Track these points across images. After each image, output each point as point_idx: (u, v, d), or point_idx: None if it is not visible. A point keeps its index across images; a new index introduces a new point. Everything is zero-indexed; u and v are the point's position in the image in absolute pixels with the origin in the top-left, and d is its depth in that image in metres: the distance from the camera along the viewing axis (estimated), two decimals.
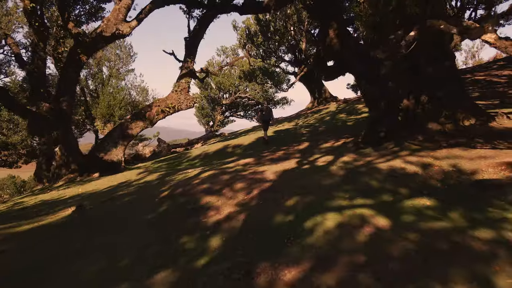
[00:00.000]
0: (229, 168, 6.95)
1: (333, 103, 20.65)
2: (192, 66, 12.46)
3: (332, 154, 6.85)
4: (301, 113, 21.29)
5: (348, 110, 16.11)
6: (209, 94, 29.02)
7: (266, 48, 21.29)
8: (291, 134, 12.15)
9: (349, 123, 12.15)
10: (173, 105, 12.05)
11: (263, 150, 9.49)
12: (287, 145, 9.78)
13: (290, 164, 6.60)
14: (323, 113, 18.01)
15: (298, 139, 10.78)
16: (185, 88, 12.28)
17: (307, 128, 13.35)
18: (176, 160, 11.79)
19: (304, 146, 8.55)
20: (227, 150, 11.71)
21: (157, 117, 11.95)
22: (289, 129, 14.11)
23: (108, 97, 18.21)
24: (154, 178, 8.01)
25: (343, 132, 10.39)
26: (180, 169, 9.58)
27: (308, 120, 16.33)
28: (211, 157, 10.99)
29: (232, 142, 13.08)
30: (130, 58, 20.03)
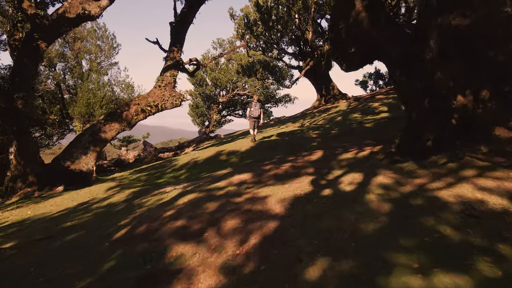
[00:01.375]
0: (219, 189, 5.28)
1: (343, 101, 18.99)
2: (179, 57, 10.77)
3: (359, 171, 5.17)
4: (306, 112, 19.62)
5: (362, 109, 14.44)
6: (204, 91, 27.36)
7: (267, 39, 19.60)
8: (298, 138, 10.47)
9: (367, 125, 10.47)
10: (156, 103, 10.37)
11: (264, 160, 7.81)
12: (294, 153, 8.10)
13: (302, 185, 4.92)
14: (332, 112, 16.35)
15: (307, 144, 9.10)
16: (171, 83, 10.59)
17: (316, 131, 11.67)
18: (159, 169, 10.11)
19: (317, 156, 6.87)
20: (220, 158, 10.03)
21: (137, 117, 10.27)
22: (295, 132, 12.42)
23: (87, 94, 16.53)
24: (121, 199, 6.33)
25: (362, 137, 8.72)
26: (160, 184, 7.90)
27: (316, 121, 14.65)
28: (200, 167, 9.31)
29: (227, 147, 11.40)
30: (113, 50, 18.36)
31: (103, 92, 17.18)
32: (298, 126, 14.96)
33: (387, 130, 8.96)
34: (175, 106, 10.65)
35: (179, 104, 10.66)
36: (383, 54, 5.92)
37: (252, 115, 10.44)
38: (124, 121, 10.11)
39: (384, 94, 18.50)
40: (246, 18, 19.14)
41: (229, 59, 27.47)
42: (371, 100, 17.61)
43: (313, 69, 19.56)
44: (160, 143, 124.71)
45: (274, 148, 9.75)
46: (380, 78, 30.81)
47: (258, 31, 18.79)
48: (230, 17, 20.17)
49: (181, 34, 10.87)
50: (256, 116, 10.43)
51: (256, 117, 10.45)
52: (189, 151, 14.72)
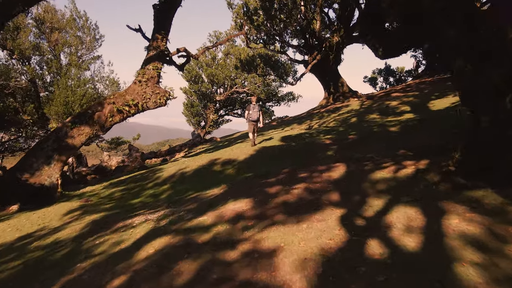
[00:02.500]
0: (203, 229, 3.70)
1: (354, 100, 17.39)
2: (164, 46, 9.17)
3: (412, 202, 3.59)
4: (313, 112, 18.02)
5: (380, 109, 12.83)
6: (200, 88, 25.75)
7: (269, 30, 17.99)
8: (308, 144, 8.88)
9: (392, 128, 8.87)
10: (135, 101, 8.77)
11: (267, 175, 6.23)
12: (305, 165, 6.51)
13: (329, 226, 3.34)
14: (343, 112, 14.75)
15: (321, 153, 7.50)
16: (153, 77, 8.99)
17: (328, 135, 10.08)
18: (139, 183, 8.51)
19: (340, 173, 5.28)
20: (213, 168, 8.43)
21: (112, 119, 8.67)
22: (303, 135, 10.83)
23: (65, 92, 14.93)
24: (73, 234, 4.74)
25: (391, 144, 7.13)
26: (133, 206, 6.30)
27: (326, 122, 13.05)
28: (188, 182, 7.71)
29: (222, 154, 9.81)
30: (95, 42, 16.74)
31: (84, 89, 15.62)
32: (305, 128, 13.37)
33: (420, 136, 7.37)
34: (159, 105, 9.06)
35: (164, 103, 9.07)
36: (436, 36, 4.31)
37: (251, 118, 9.82)
38: (96, 124, 8.52)
39: (400, 91, 16.91)
40: (246, 6, 17.53)
41: (227, 54, 25.85)
42: (386, 98, 16.02)
43: (320, 64, 17.96)
44: (156, 144, 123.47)
45: (279, 157, 8.16)
46: (390, 75, 29.22)
47: (259, 21, 17.18)
48: (228, 6, 18.55)
49: (167, 19, 9.26)
50: (255, 119, 9.85)
51: (255, 119, 9.86)
52: (179, 157, 13.13)
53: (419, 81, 19.24)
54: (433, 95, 12.96)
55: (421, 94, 14.03)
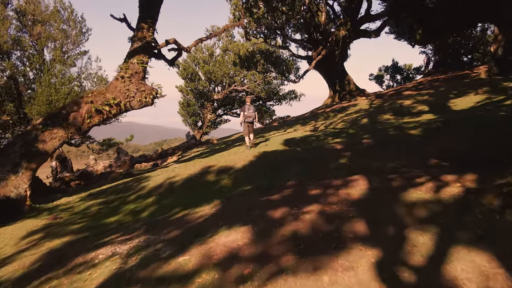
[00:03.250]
0: (182, 283, 2.68)
1: (362, 98, 16.40)
2: (151, 37, 8.15)
3: (478, 243, 2.59)
4: (317, 112, 17.02)
5: (392, 109, 11.83)
6: (197, 86, 24.73)
7: (270, 23, 16.99)
8: (316, 150, 7.86)
9: (412, 132, 7.86)
10: (117, 100, 7.76)
11: (269, 190, 5.23)
12: (315, 176, 5.51)
13: (359, 280, 2.36)
14: (351, 112, 13.75)
15: (333, 162, 6.48)
16: (138, 72, 7.98)
17: (338, 138, 9.08)
18: (121, 195, 7.50)
19: (361, 191, 4.28)
20: (206, 178, 7.42)
21: (90, 121, 7.66)
22: (308, 138, 9.83)
23: (48, 90, 13.91)
24: (15, 275, 3.73)
25: (415, 151, 6.13)
26: (107, 227, 5.30)
27: (334, 123, 12.04)
28: (175, 196, 6.70)
29: (218, 160, 8.81)
30: (81, 36, 15.72)
31: (69, 88, 14.62)
32: (310, 130, 12.37)
33: (448, 140, 6.38)
34: (144, 105, 8.05)
35: (151, 103, 8.05)
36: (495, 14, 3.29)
37: (246, 120, 9.48)
38: (72, 126, 7.51)
39: (412, 89, 15.91)
40: None
41: (225, 50, 24.82)
42: (397, 97, 15.02)
43: (325, 60, 16.96)
44: (153, 144, 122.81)
45: (282, 165, 7.15)
46: (398, 72, 28.20)
47: (259, 14, 16.18)
48: None
49: (154, 6, 8.25)
50: (251, 120, 9.56)
51: (251, 121, 9.56)
52: (171, 162, 12.12)
53: (431, 78, 18.24)
54: (451, 94, 11.96)
55: (437, 93, 13.03)
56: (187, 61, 24.88)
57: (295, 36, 17.93)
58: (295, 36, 17.93)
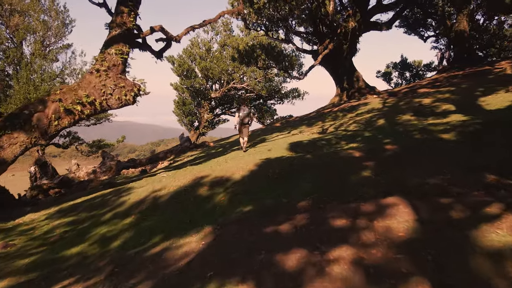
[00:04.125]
0: None
1: (373, 97, 15.24)
2: (132, 23, 6.99)
3: None
4: (324, 111, 15.86)
5: (411, 108, 10.68)
6: (193, 84, 23.58)
7: (272, 14, 15.82)
8: (329, 157, 6.70)
9: (445, 135, 6.70)
10: (91, 98, 6.60)
11: (276, 211, 4.09)
12: (334, 194, 4.37)
13: None
14: (362, 112, 12.61)
15: (353, 174, 5.32)
16: (117, 65, 6.82)
17: (353, 142, 7.93)
18: (94, 212, 6.35)
19: (406, 225, 3.14)
20: (198, 192, 6.26)
21: (58, 123, 6.50)
22: (318, 142, 8.69)
23: (25, 87, 12.76)
24: None
25: (457, 160, 4.98)
26: (65, 263, 4.15)
27: (345, 124, 10.88)
28: (159, 214, 5.55)
29: (213, 168, 7.65)
30: (64, 28, 14.55)
31: (50, 85, 13.44)
32: (318, 131, 11.21)
33: (497, 148, 5.22)
34: (125, 103, 6.88)
35: (132, 101, 6.89)
36: None
37: (242, 121, 9.25)
38: (36, 129, 6.34)
39: (428, 87, 14.76)
40: None
41: (223, 45, 23.68)
42: (413, 95, 13.87)
43: (332, 54, 15.80)
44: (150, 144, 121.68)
45: (290, 176, 6.00)
46: (407, 69, 27.04)
47: (260, 3, 15.01)
48: None
49: None
50: (246, 122, 9.34)
51: (246, 122, 9.35)
52: (160, 169, 10.96)
53: (447, 75, 17.09)
54: (477, 91, 10.81)
55: (459, 90, 11.88)
56: (183, 56, 23.75)
57: (299, 28, 16.75)
58: (299, 28, 16.75)
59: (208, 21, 7.96)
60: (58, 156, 66.27)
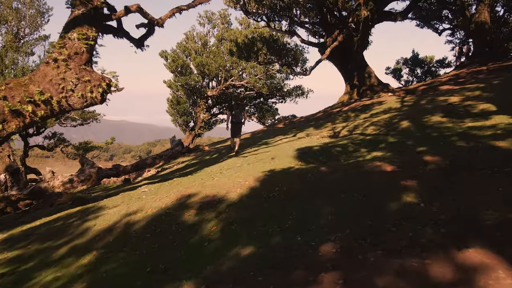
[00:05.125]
0: None
1: (388, 95, 13.90)
2: (100, 1, 5.63)
3: None
4: (332, 111, 14.52)
5: (440, 108, 9.33)
6: (188, 81, 22.21)
7: (274, 3, 14.47)
8: (350, 171, 5.34)
9: (503, 143, 5.35)
10: (47, 95, 5.25)
11: (286, 265, 2.74)
12: (373, 235, 3.03)
13: None
14: (378, 112, 11.28)
15: (391, 200, 3.96)
16: (80, 53, 5.47)
17: (376, 150, 6.60)
18: (48, 243, 5.01)
19: None
20: (181, 219, 4.91)
21: (3, 127, 5.12)
22: (331, 149, 7.35)
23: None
24: None
25: None
26: None
27: (360, 127, 9.54)
28: (127, 252, 4.20)
29: (204, 183, 6.31)
30: (40, 18, 13.21)
31: None
32: (329, 134, 9.88)
33: None
34: (91, 102, 5.54)
35: (99, 99, 5.54)
36: None
37: (234, 119, 9.21)
38: None
39: (450, 83, 13.44)
40: None
41: (220, 39, 22.32)
42: (435, 92, 12.55)
43: (341, 47, 14.46)
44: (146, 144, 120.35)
45: (302, 200, 4.66)
46: (418, 65, 25.68)
47: None
48: None
49: None
50: (239, 121, 9.25)
51: (239, 121, 9.25)
52: (146, 178, 9.62)
53: (467, 70, 15.76)
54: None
55: (491, 86, 10.53)
56: (177, 51, 22.40)
57: (304, 19, 15.37)
58: (304, 19, 15.37)
59: (198, 0, 6.60)
60: (51, 157, 64.67)
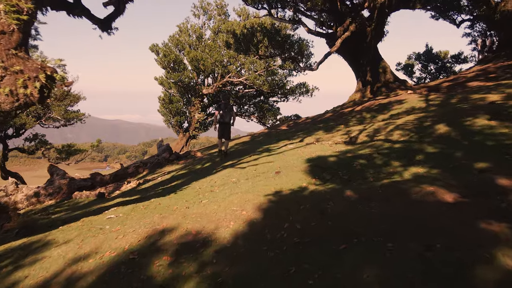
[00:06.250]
0: None
1: (407, 93, 12.43)
2: None
3: None
4: (343, 111, 13.05)
5: (480, 108, 7.86)
6: (181, 78, 20.72)
7: None
8: (391, 201, 3.86)
9: None
10: None
11: None
12: None
13: None
14: (399, 113, 9.85)
15: (480, 267, 2.48)
16: (9, 32, 3.99)
17: (416, 165, 5.16)
18: None
19: None
20: (147, 274, 3.41)
21: None
22: (353, 161, 5.90)
23: None
24: None
25: None
26: None
27: (383, 131, 8.07)
28: None
29: (186, 212, 4.86)
30: None
31: None
32: (344, 140, 8.40)
33: None
34: (26, 102, 4.06)
35: (37, 97, 4.05)
36: None
37: (222, 120, 8.92)
38: None
39: (479, 79, 11.98)
40: None
41: (217, 31, 20.85)
42: (463, 89, 11.10)
43: (352, 39, 12.99)
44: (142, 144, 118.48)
45: (327, 249, 3.18)
46: (432, 61, 24.21)
47: None
48: None
49: None
50: (227, 121, 8.95)
51: (227, 121, 8.95)
52: (122, 194, 8.13)
53: (494, 64, 14.31)
54: None
55: None
56: (169, 45, 20.92)
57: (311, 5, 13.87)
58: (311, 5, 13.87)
59: None
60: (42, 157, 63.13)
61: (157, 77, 21.89)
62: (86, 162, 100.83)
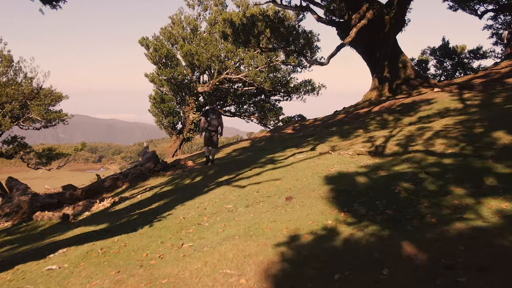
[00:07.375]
0: None
1: (434, 91, 10.92)
2: None
3: None
4: (358, 112, 11.53)
5: None
6: (174, 74, 19.18)
7: None
8: None
9: None
10: None
11: None
12: None
13: None
14: (430, 115, 8.37)
15: None
16: None
17: (491, 195, 3.60)
18: None
19: None
20: None
21: None
22: (388, 182, 4.37)
23: None
24: None
25: None
26: None
27: (418, 138, 6.55)
28: None
29: (157, 273, 3.32)
30: None
31: None
32: (367, 149, 6.88)
33: None
34: None
35: None
36: None
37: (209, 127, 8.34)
38: None
39: None
40: None
41: (213, 23, 19.31)
42: (503, 86, 9.60)
43: (367, 29, 11.48)
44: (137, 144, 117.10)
45: None
46: (448, 56, 22.69)
47: None
48: None
49: None
50: (215, 129, 8.40)
51: (214, 129, 8.39)
52: (91, 215, 6.63)
53: None
54: None
55: None
56: (160, 38, 19.37)
57: None
58: None
59: None
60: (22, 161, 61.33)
61: (148, 73, 20.34)
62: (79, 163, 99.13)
